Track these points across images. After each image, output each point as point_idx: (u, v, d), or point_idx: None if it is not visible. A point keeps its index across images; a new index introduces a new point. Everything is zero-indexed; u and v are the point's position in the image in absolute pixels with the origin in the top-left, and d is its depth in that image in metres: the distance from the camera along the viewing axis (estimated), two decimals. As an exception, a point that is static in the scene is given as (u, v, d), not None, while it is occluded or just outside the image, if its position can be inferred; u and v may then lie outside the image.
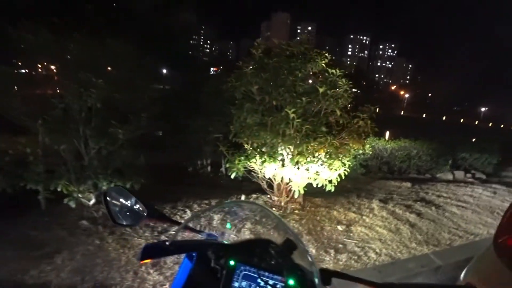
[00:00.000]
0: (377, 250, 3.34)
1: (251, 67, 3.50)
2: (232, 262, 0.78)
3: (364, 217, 4.12)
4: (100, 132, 3.53)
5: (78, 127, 3.47)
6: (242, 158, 3.47)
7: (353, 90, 3.64)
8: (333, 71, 3.52)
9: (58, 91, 3.65)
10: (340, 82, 3.42)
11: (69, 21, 3.66)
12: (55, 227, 3.36)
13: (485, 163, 9.44)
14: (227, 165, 3.56)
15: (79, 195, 3.64)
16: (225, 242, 0.91)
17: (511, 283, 1.51)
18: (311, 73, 3.72)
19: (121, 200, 0.96)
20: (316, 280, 0.72)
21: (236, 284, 0.76)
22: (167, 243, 0.81)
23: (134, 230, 3.40)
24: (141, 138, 4.11)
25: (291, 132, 3.16)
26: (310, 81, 3.86)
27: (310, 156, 3.25)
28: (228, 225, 1.02)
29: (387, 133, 11.00)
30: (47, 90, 3.65)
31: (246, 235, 3.44)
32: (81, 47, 3.36)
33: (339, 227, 3.65)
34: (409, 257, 3.21)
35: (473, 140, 11.20)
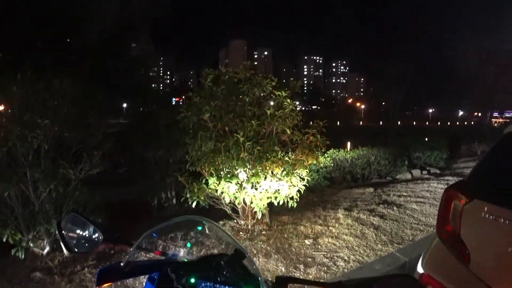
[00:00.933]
0: (345, 258, 3.42)
1: (199, 97, 3.59)
2: (192, 280, 0.78)
3: (330, 227, 4.22)
4: (50, 174, 3.32)
5: (25, 171, 3.26)
6: (202, 185, 3.47)
7: (308, 107, 3.88)
8: (279, 93, 3.72)
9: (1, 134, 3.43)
10: (285, 103, 3.62)
11: (12, 59, 3.52)
12: (2, 283, 3.05)
13: (437, 159, 10.31)
14: (188, 195, 3.52)
15: (30, 244, 3.34)
16: (184, 260, 0.92)
17: (456, 266, 1.64)
18: (260, 96, 3.89)
19: (76, 227, 0.95)
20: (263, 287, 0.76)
21: None
22: (121, 264, 0.80)
23: (94, 275, 3.18)
24: (99, 175, 3.95)
25: (244, 155, 3.25)
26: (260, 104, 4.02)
27: (267, 175, 3.34)
28: (188, 244, 1.04)
29: (348, 144, 11.56)
30: None
31: (201, 250, 3.37)
32: (25, 89, 3.23)
33: (306, 241, 3.70)
34: (376, 259, 3.34)
35: (425, 139, 12.21)
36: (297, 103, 3.83)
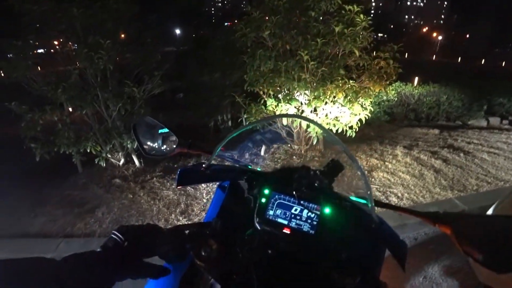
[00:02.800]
0: (399, 195, 3.31)
1: (258, 11, 3.26)
2: (266, 191, 0.74)
3: (386, 163, 4.05)
4: (117, 94, 3.65)
5: (96, 92, 3.60)
6: (259, 106, 3.42)
7: (374, 35, 3.35)
8: (350, 7, 3.21)
9: (71, 59, 3.73)
10: (358, 19, 3.13)
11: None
12: (92, 186, 3.73)
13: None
14: (245, 116, 3.54)
15: (108, 155, 3.92)
16: (259, 169, 0.87)
17: None
18: (328, 11, 3.42)
19: (151, 131, 0.94)
20: (370, 205, 0.69)
21: (271, 213, 0.73)
22: (203, 166, 0.80)
23: (162, 184, 3.64)
24: (160, 97, 4.20)
25: (306, 76, 3.02)
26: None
27: (328, 100, 3.13)
28: (262, 151, 0.97)
29: (416, 79, 10.25)
30: (63, 61, 3.73)
31: (281, 160, 3.54)
32: (85, 11, 3.32)
33: (359, 173, 3.62)
34: (432, 202, 3.18)
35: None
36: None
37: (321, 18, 3.28)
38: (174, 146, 0.91)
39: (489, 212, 1.79)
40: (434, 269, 2.29)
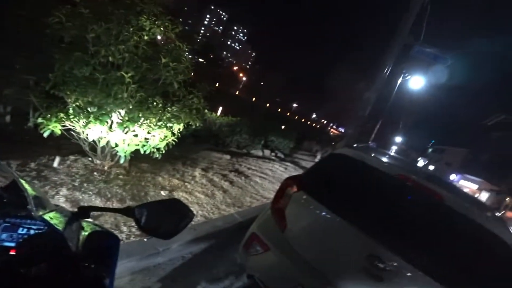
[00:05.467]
0: (194, 212, 3.84)
1: (88, 9, 2.91)
2: None
3: (186, 183, 4.58)
4: None
5: None
6: (61, 115, 2.98)
7: (195, 58, 3.83)
8: (180, 44, 3.58)
9: None
10: (183, 58, 3.53)
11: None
12: None
13: (285, 146, 12.46)
14: (39, 120, 2.95)
15: None
16: None
17: (276, 231, 2.30)
18: (158, 37, 3.62)
19: None
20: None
21: None
22: None
23: None
24: None
25: (125, 96, 3.02)
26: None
27: (141, 123, 3.23)
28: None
29: (220, 108, 12.18)
30: None
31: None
32: None
33: (162, 193, 3.91)
34: (219, 217, 3.90)
35: (282, 127, 14.52)
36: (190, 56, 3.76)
37: (152, 43, 3.41)
38: None
39: (252, 226, 2.55)
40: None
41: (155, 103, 3.32)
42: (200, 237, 3.21)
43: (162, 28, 3.48)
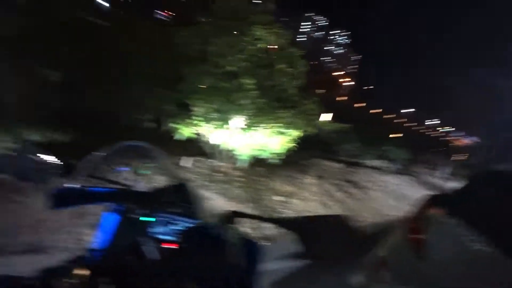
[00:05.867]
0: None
1: (208, 25, 3.26)
2: (151, 211, 0.80)
3: (301, 190, 4.44)
4: None
5: None
6: (191, 120, 3.33)
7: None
8: (294, 50, 3.54)
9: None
10: (299, 62, 3.46)
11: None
12: None
13: (401, 157, 10.94)
14: (173, 125, 3.39)
15: None
16: (137, 190, 0.93)
17: (409, 257, 1.89)
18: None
19: (32, 156, 0.90)
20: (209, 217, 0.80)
21: (157, 230, 0.79)
22: (75, 187, 0.80)
23: None
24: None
25: (248, 103, 3.13)
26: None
27: (261, 128, 3.29)
28: (139, 171, 1.05)
29: (325, 115, 11.76)
30: None
31: (153, 180, 3.39)
32: None
33: (277, 198, 3.87)
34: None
35: (396, 135, 12.90)
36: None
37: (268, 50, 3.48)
38: (53, 172, 0.87)
39: (380, 245, 2.17)
40: None
41: (273, 109, 3.33)
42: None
43: (274, 36, 3.49)
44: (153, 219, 0.80)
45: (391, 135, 12.41)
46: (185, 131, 3.46)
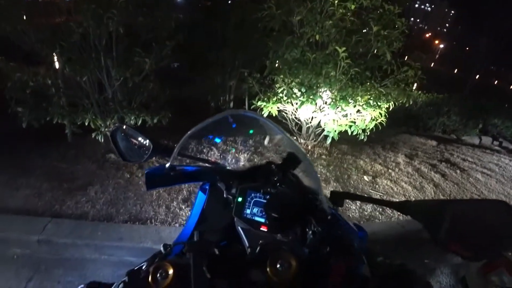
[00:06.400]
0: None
1: None
2: (242, 191, 0.77)
3: (390, 170, 4.05)
4: (123, 62, 3.15)
5: (99, 56, 3.07)
6: (276, 98, 3.22)
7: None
8: (390, 7, 3.03)
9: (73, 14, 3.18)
10: (399, 22, 2.96)
11: None
12: (84, 160, 3.31)
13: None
14: (258, 103, 3.32)
15: (106, 130, 3.38)
16: (230, 168, 0.92)
17: None
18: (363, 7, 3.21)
19: (129, 137, 0.96)
20: (322, 197, 0.71)
21: (248, 211, 0.76)
22: (166, 166, 0.80)
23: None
24: (164, 70, 3.73)
25: (337, 74, 2.85)
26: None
27: (352, 102, 2.99)
28: (232, 149, 0.99)
29: (415, 85, 10.25)
30: (65, 16, 3.19)
31: (248, 157, 3.41)
32: None
33: (365, 178, 3.60)
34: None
35: (506, 106, 10.46)
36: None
37: (357, 13, 3.07)
38: (150, 148, 0.89)
39: None
40: None
41: (365, 79, 2.97)
42: (407, 237, 2.64)
43: None
44: (252, 200, 0.76)
45: (503, 105, 10.18)
46: (270, 108, 3.37)
